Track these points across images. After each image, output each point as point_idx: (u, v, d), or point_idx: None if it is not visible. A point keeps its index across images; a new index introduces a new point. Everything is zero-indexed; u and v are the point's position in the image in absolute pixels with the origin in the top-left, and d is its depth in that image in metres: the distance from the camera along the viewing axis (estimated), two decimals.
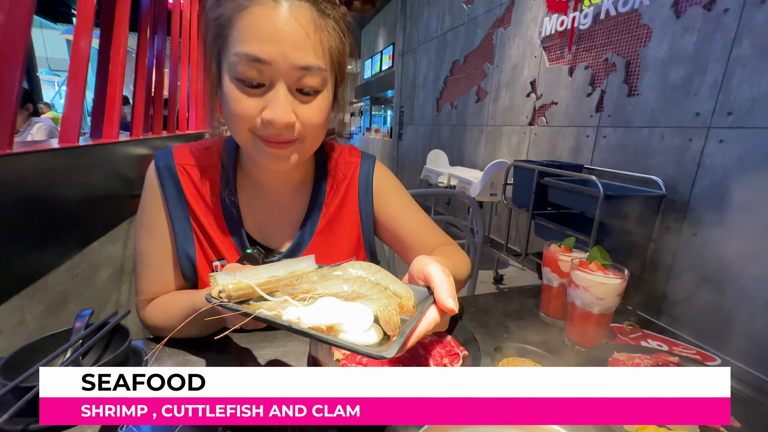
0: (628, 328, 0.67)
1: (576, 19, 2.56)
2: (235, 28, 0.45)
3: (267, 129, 0.48)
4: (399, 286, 0.40)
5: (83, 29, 1.30)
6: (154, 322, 0.59)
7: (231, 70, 0.46)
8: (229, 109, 0.48)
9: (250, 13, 0.44)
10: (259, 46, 0.44)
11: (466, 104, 4.13)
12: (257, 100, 0.47)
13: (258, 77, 0.46)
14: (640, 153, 2.17)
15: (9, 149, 0.86)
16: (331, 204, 0.65)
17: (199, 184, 0.59)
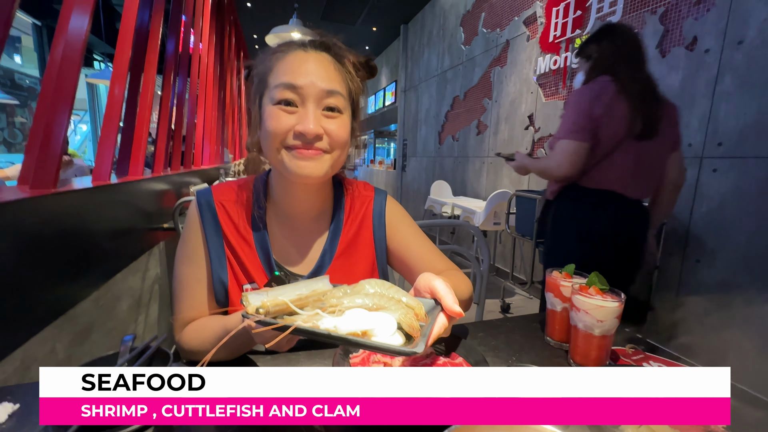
0: (630, 351, 0.71)
1: (568, 59, 2.73)
2: (274, 71, 0.59)
3: (298, 139, 0.58)
4: (410, 299, 0.45)
5: (118, 78, 1.43)
6: (189, 345, 0.63)
7: (271, 99, 0.58)
8: (266, 129, 0.59)
9: (286, 58, 0.59)
10: (294, 77, 0.57)
11: (468, 137, 4.29)
12: (291, 117, 0.58)
13: (293, 99, 0.58)
14: None
15: (54, 189, 0.95)
16: (348, 232, 0.72)
17: (234, 217, 0.67)
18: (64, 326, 0.95)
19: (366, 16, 6.20)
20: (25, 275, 0.81)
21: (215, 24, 3.55)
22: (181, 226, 1.61)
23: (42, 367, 0.85)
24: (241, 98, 6.00)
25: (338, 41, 0.65)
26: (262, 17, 6.39)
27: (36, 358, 0.84)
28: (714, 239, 1.85)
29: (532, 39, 3.17)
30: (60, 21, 1.13)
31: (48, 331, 0.88)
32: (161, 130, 1.99)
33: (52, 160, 0.96)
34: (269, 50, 0.63)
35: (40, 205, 0.88)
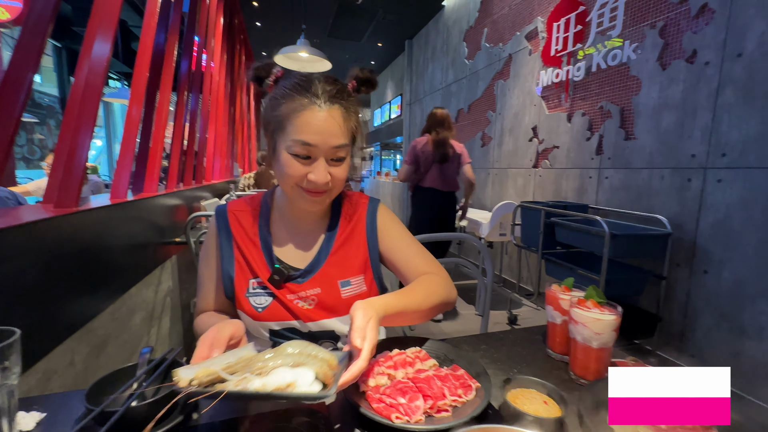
0: (630, 363, 0.72)
1: (570, 72, 2.78)
2: (292, 123, 0.66)
3: (310, 185, 0.68)
4: (325, 353, 0.51)
5: (136, 99, 1.50)
6: (196, 334, 0.74)
7: (288, 149, 0.66)
8: (283, 172, 0.68)
9: (303, 114, 0.65)
10: (310, 135, 0.65)
11: (472, 149, 4.33)
12: (305, 167, 0.67)
13: (307, 153, 0.66)
14: (642, 193, 2.25)
15: (76, 207, 1.00)
16: (342, 234, 0.80)
17: (243, 223, 0.78)
18: (82, 339, 0.99)
19: (371, 33, 6.35)
20: (47, 291, 0.85)
21: (226, 43, 3.68)
22: (192, 240, 1.66)
23: (62, 378, 0.88)
24: (251, 114, 6.14)
25: (345, 87, 0.71)
26: (270, 36, 6.59)
27: (56, 370, 0.87)
28: (721, 250, 1.84)
29: (534, 53, 3.22)
30: (84, 46, 1.20)
31: (67, 344, 0.92)
32: (174, 146, 2.06)
33: (75, 181, 1.02)
34: (285, 91, 0.67)
35: (63, 224, 0.93)
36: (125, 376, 0.58)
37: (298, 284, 0.75)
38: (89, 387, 0.53)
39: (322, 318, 0.75)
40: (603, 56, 2.49)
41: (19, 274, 0.76)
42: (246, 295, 0.74)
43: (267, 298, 0.74)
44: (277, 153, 0.69)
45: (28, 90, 0.83)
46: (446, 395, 0.56)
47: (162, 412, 0.48)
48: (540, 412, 0.53)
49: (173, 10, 1.94)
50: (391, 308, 0.62)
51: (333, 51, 7.34)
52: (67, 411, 0.57)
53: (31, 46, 0.87)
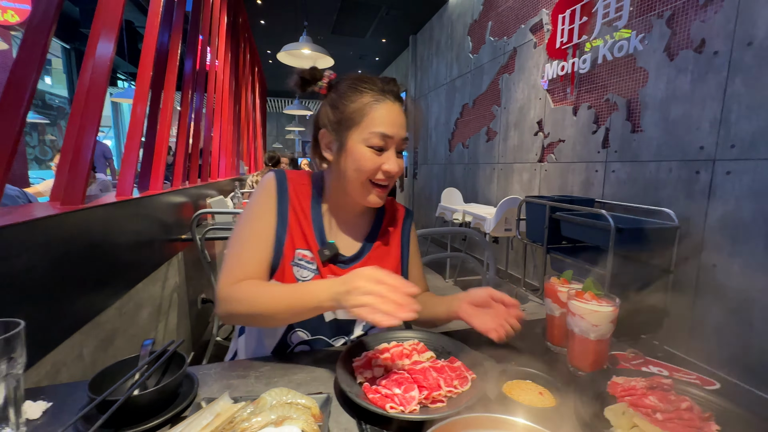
0: (630, 355, 0.71)
1: (575, 64, 2.74)
2: (368, 116, 0.71)
3: (382, 176, 0.73)
4: (305, 398, 0.52)
5: (140, 98, 1.52)
6: (244, 294, 0.67)
7: (365, 141, 0.71)
8: (358, 166, 0.71)
9: (379, 108, 0.71)
10: (388, 127, 0.71)
11: (477, 144, 4.31)
12: (378, 159, 0.72)
13: (382, 145, 0.71)
14: (649, 186, 2.22)
15: (82, 204, 1.02)
16: (384, 235, 0.86)
17: (299, 196, 0.79)
18: (90, 333, 1.01)
19: (375, 29, 6.33)
20: (55, 286, 0.87)
21: (230, 42, 3.70)
22: (198, 237, 1.69)
23: (71, 371, 0.90)
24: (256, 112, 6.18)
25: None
26: (274, 33, 6.60)
27: (65, 362, 0.90)
28: (731, 243, 1.81)
29: (539, 46, 3.18)
30: (88, 47, 1.22)
31: (75, 338, 0.95)
32: (180, 144, 2.08)
33: (81, 179, 1.04)
34: (359, 86, 0.72)
35: (69, 220, 0.95)
36: (128, 366, 0.59)
37: (341, 269, 0.77)
38: (92, 377, 0.55)
39: None
40: (609, 48, 2.45)
41: (27, 269, 0.78)
42: (291, 263, 0.75)
43: (309, 272, 0.75)
44: (348, 149, 0.72)
45: (33, 90, 0.85)
46: (441, 386, 0.56)
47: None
48: (534, 402, 0.53)
49: (176, 9, 1.95)
50: None
51: (337, 47, 7.33)
52: (72, 401, 0.58)
53: (35, 45, 0.88)
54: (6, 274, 0.72)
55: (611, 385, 0.58)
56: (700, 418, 0.50)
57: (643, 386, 0.56)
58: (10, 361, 0.49)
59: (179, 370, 0.57)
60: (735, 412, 0.52)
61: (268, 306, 0.64)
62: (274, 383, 0.63)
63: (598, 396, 0.55)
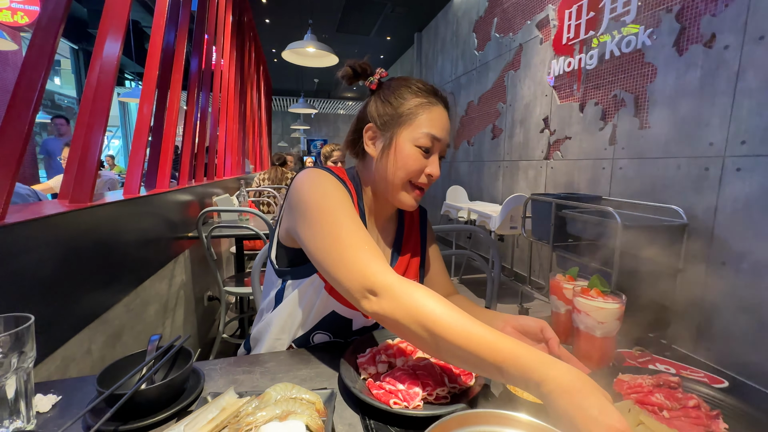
0: (637, 353, 0.71)
1: (582, 60, 2.71)
2: (422, 117, 0.70)
3: (423, 179, 0.72)
4: (309, 394, 0.51)
5: (147, 98, 1.53)
6: (433, 318, 0.50)
7: (415, 141, 0.70)
8: (405, 165, 0.70)
9: (433, 111, 0.71)
10: (439, 132, 0.71)
11: (483, 141, 4.28)
12: (424, 161, 0.71)
13: (430, 146, 0.70)
14: (658, 183, 2.19)
15: (90, 202, 1.03)
16: (408, 237, 0.86)
17: (352, 194, 0.73)
18: (98, 329, 1.03)
19: (380, 27, 6.31)
20: (64, 282, 0.89)
21: (236, 41, 3.71)
22: (204, 235, 1.70)
23: (80, 365, 0.92)
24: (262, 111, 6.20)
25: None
26: (280, 32, 6.62)
27: (74, 357, 0.91)
28: (740, 241, 1.78)
29: (545, 42, 3.15)
30: (95, 47, 1.24)
31: (84, 334, 0.96)
32: (186, 143, 2.10)
33: (89, 177, 1.05)
34: (413, 88, 0.72)
35: (77, 218, 0.96)
36: (135, 361, 0.60)
37: None
38: (101, 371, 0.55)
39: None
40: (616, 43, 2.42)
41: (37, 265, 0.79)
42: None
43: None
44: (397, 147, 0.71)
45: (42, 90, 0.86)
46: (446, 382, 0.56)
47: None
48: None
49: (182, 8, 1.96)
50: None
51: (342, 46, 7.33)
52: (81, 394, 0.59)
53: (44, 46, 0.89)
54: (16, 270, 0.73)
55: (617, 383, 0.58)
56: (707, 415, 0.49)
57: (650, 384, 0.56)
58: (20, 356, 0.50)
59: (186, 366, 0.58)
60: (743, 410, 0.51)
61: (453, 338, 0.48)
62: (279, 379, 0.63)
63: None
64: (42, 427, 0.52)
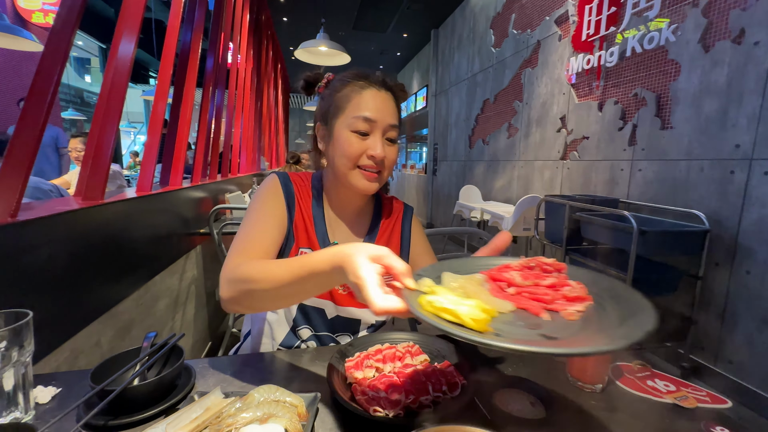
0: (636, 367, 0.68)
1: (602, 57, 2.61)
2: (352, 102, 0.73)
3: (368, 161, 0.73)
4: (292, 396, 0.52)
5: (161, 96, 1.57)
6: (250, 273, 0.59)
7: (349, 126, 0.72)
8: (343, 152, 0.72)
9: (364, 93, 0.73)
10: (371, 112, 0.72)
11: (498, 140, 4.21)
12: (363, 144, 0.72)
13: (366, 129, 0.72)
14: (679, 186, 2.10)
15: (101, 200, 1.07)
16: (384, 234, 0.87)
17: (302, 198, 0.81)
18: (107, 322, 1.07)
19: (397, 23, 6.27)
20: (75, 277, 0.92)
21: (253, 39, 3.76)
22: (216, 232, 1.74)
23: (89, 357, 0.95)
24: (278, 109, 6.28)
25: (395, 82, 0.79)
26: (297, 30, 6.67)
27: (83, 350, 0.95)
28: (767, 249, 1.69)
29: (564, 38, 3.06)
30: (112, 47, 1.28)
31: (93, 326, 1.00)
32: (200, 140, 2.15)
33: (101, 175, 1.09)
34: (346, 79, 0.76)
35: (90, 215, 1.00)
36: (130, 357, 0.62)
37: None
38: (95, 367, 0.57)
39: (353, 306, 0.79)
40: (639, 39, 2.32)
41: (47, 261, 0.83)
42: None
43: None
44: (335, 136, 0.74)
45: (55, 90, 0.89)
46: (429, 391, 0.56)
47: None
48: (524, 413, 0.51)
49: (198, 7, 2.00)
50: None
51: (358, 43, 7.33)
52: (79, 387, 0.61)
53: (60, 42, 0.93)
54: (29, 264, 0.77)
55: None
56: (566, 297, 0.45)
57: (519, 264, 0.52)
58: (20, 350, 0.52)
59: (177, 363, 0.59)
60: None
61: (271, 277, 0.56)
62: (268, 380, 0.64)
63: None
64: (39, 418, 0.55)
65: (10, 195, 0.76)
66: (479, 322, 0.39)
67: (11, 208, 0.76)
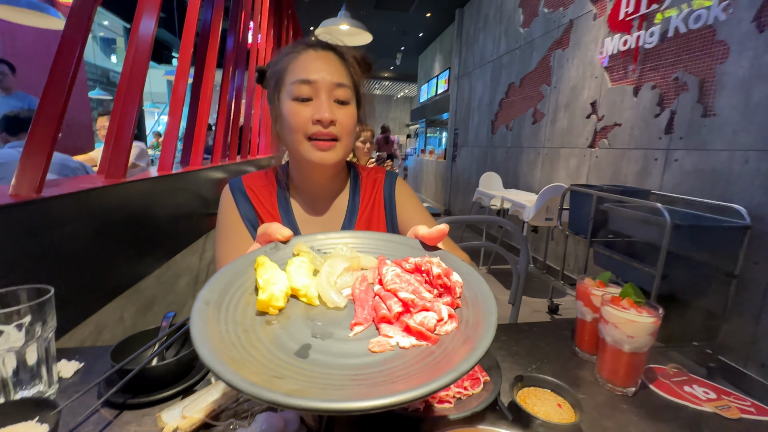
0: (671, 371, 0.64)
1: (641, 38, 2.44)
2: (289, 69, 0.67)
3: (316, 126, 0.65)
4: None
5: (181, 75, 1.56)
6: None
7: (289, 95, 0.66)
8: (288, 124, 0.66)
9: (299, 58, 0.67)
10: (308, 73, 0.66)
11: (522, 126, 4.06)
12: (308, 109, 0.66)
13: (308, 92, 0.65)
14: (719, 178, 1.96)
15: (123, 178, 1.08)
16: (364, 212, 0.79)
17: (263, 200, 0.76)
18: (130, 298, 1.09)
19: (420, 2, 6.05)
20: (98, 253, 0.94)
21: (273, 18, 3.71)
22: None
23: (112, 332, 0.97)
24: None
25: (341, 46, 0.73)
26: (318, 9, 6.54)
27: (107, 324, 0.98)
28: None
29: (600, 17, 2.87)
30: (133, 26, 1.27)
31: (117, 302, 1.02)
32: (220, 121, 2.15)
33: (123, 154, 1.10)
34: (282, 52, 0.71)
35: (112, 193, 1.01)
36: (149, 337, 0.62)
37: None
38: (115, 345, 0.58)
39: None
40: (683, 18, 2.14)
41: (71, 237, 0.84)
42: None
43: None
44: (281, 109, 0.68)
45: (79, 59, 0.88)
46: (451, 386, 0.53)
47: None
48: (551, 415, 0.49)
49: None
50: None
51: (379, 23, 7.14)
52: (102, 364, 0.62)
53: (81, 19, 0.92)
54: (52, 241, 0.78)
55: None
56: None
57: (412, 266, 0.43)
58: (43, 325, 0.53)
59: None
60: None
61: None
62: None
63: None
64: (62, 392, 0.56)
65: (35, 171, 0.76)
66: (263, 303, 0.36)
67: (36, 185, 0.76)
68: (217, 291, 0.37)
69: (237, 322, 0.34)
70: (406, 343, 0.33)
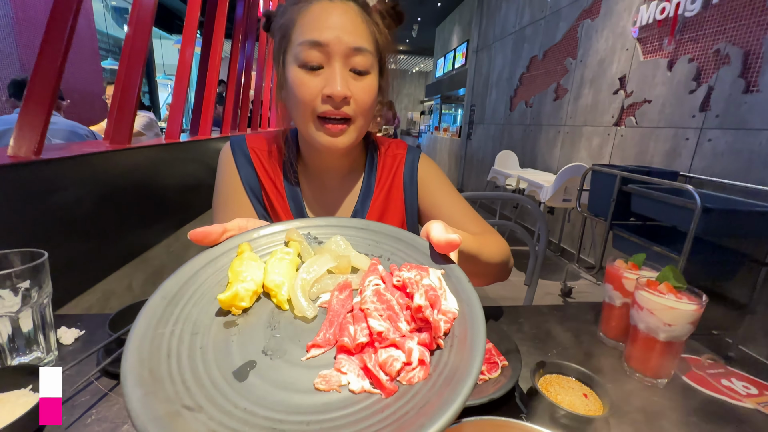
0: (706, 363, 0.59)
1: (681, 5, 2.24)
2: (298, 25, 0.54)
3: (326, 104, 0.54)
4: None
5: (188, 41, 1.50)
6: None
7: (296, 59, 0.53)
8: (294, 95, 0.55)
9: (310, 10, 0.53)
10: (319, 32, 0.52)
11: (543, 103, 3.87)
12: (318, 80, 0.53)
13: (318, 59, 0.52)
14: (757, 161, 1.83)
15: (128, 144, 1.05)
16: (380, 193, 0.69)
17: (267, 167, 0.67)
18: (138, 266, 1.08)
19: None
20: (104, 219, 0.92)
21: None
22: None
23: (121, 299, 0.96)
24: None
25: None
26: None
27: (114, 291, 0.97)
28: None
29: None
30: None
31: (124, 270, 1.01)
32: (229, 92, 2.09)
33: (127, 119, 1.06)
34: (290, 0, 0.57)
35: (117, 159, 0.98)
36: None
37: None
38: (113, 314, 0.56)
39: None
40: None
41: (74, 202, 0.82)
42: None
43: None
44: (287, 78, 0.56)
45: (72, 28, 0.83)
46: None
47: None
48: (576, 406, 0.44)
49: None
50: (467, 245, 0.47)
51: None
52: (103, 332, 0.60)
53: None
54: (54, 204, 0.76)
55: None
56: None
57: (400, 281, 0.32)
58: (39, 290, 0.51)
59: None
60: None
61: None
62: None
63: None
64: (62, 359, 0.54)
65: (33, 133, 0.73)
66: (224, 302, 0.30)
67: (34, 146, 0.73)
68: (185, 280, 0.32)
69: (193, 320, 0.29)
70: (357, 387, 0.26)
